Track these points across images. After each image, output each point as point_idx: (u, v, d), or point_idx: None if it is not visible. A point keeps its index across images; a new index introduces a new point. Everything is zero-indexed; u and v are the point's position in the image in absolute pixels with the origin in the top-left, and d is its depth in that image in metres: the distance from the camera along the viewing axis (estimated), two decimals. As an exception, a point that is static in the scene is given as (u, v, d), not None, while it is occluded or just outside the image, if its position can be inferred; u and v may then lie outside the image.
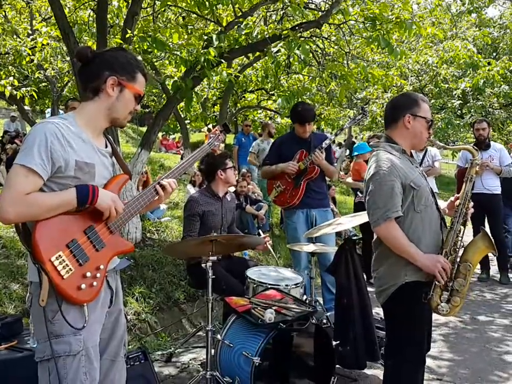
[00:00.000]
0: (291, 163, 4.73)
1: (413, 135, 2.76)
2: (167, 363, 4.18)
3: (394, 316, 2.73)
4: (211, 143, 2.70)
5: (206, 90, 10.36)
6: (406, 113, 2.72)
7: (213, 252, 3.34)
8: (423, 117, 2.73)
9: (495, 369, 4.04)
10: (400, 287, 2.63)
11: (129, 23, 5.64)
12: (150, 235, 6.62)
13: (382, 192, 2.60)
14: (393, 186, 2.58)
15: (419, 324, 2.68)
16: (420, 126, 2.74)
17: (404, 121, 2.73)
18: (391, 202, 2.58)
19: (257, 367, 3.16)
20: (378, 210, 2.60)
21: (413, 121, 2.72)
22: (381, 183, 2.60)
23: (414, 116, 2.72)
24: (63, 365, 2.00)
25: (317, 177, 4.76)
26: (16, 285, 4.55)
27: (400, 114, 2.74)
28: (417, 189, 2.63)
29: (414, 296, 2.62)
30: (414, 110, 2.73)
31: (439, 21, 13.06)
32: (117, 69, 2.14)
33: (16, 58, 7.63)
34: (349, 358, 3.70)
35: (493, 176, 6.45)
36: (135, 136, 19.29)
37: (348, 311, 3.68)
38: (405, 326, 2.68)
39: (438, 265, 2.54)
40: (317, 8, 6.70)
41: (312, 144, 4.76)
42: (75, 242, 2.00)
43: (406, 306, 2.64)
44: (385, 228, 2.59)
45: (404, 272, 2.62)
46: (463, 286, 2.60)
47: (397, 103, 2.83)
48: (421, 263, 2.57)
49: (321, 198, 4.87)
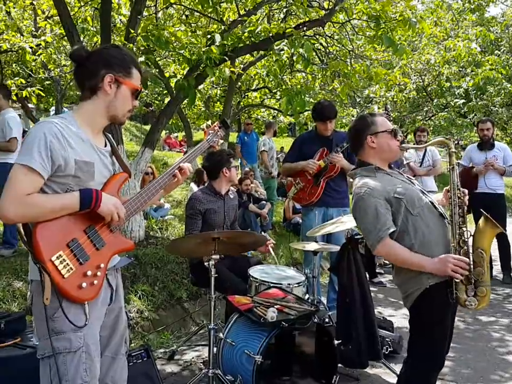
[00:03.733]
0: (311, 161, 4.71)
1: (381, 151, 2.81)
2: (169, 361, 4.19)
3: (421, 318, 2.70)
4: (210, 139, 2.70)
5: (210, 90, 10.37)
6: (366, 136, 2.79)
7: (216, 250, 3.35)
8: (382, 131, 2.79)
9: (497, 369, 4.03)
10: (425, 290, 2.61)
11: (133, 22, 5.65)
12: (153, 233, 6.64)
13: (368, 216, 2.63)
14: (376, 207, 2.61)
15: (443, 326, 2.67)
16: (384, 140, 2.79)
17: (368, 143, 2.80)
18: (379, 222, 2.60)
19: (259, 366, 3.18)
20: (371, 234, 2.62)
21: (376, 139, 2.79)
22: (364, 207, 2.64)
23: (375, 134, 2.79)
24: (64, 362, 2.02)
25: (337, 176, 4.74)
26: (20, 283, 4.57)
27: (362, 138, 2.81)
28: (402, 197, 2.64)
29: (439, 298, 2.61)
30: (371, 129, 2.80)
31: (440, 20, 13.02)
32: (113, 66, 2.14)
33: (20, 56, 7.65)
34: (351, 357, 3.70)
35: (496, 175, 6.44)
36: (139, 135, 19.30)
37: (350, 310, 3.68)
38: (430, 329, 2.66)
39: (449, 265, 2.51)
40: (320, 7, 6.68)
41: (334, 142, 4.74)
42: (75, 241, 2.01)
43: (432, 309, 2.63)
44: (383, 249, 2.61)
45: (426, 276, 2.60)
46: (483, 274, 2.57)
47: (355, 129, 2.90)
48: (431, 269, 2.56)
49: (340, 197, 4.83)
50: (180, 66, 7.27)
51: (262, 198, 8.31)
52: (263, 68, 9.54)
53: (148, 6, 6.56)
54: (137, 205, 2.27)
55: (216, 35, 5.51)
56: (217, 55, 5.23)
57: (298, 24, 6.27)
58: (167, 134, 17.97)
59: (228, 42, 5.58)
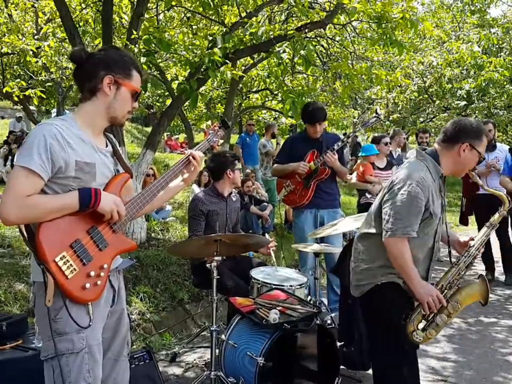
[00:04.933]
0: (302, 163, 4.70)
1: (460, 164, 2.73)
2: (171, 363, 4.18)
3: (372, 311, 2.78)
4: (210, 139, 2.70)
5: (211, 92, 10.37)
6: (465, 141, 2.67)
7: (218, 252, 3.34)
8: (479, 152, 2.69)
9: (500, 371, 4.02)
10: (376, 286, 2.69)
11: (135, 24, 5.65)
12: (155, 235, 6.64)
13: (412, 208, 2.57)
14: (422, 206, 2.58)
15: (397, 320, 2.68)
16: (471, 158, 2.71)
17: (460, 148, 2.68)
18: (415, 220, 2.58)
19: (261, 368, 3.17)
20: (400, 222, 2.57)
21: (469, 151, 2.68)
22: (412, 197, 2.56)
23: (471, 147, 2.67)
24: (66, 363, 2.01)
25: (327, 178, 4.74)
26: (21, 285, 4.57)
27: (460, 139, 2.68)
28: (433, 218, 2.64)
29: (393, 294, 2.68)
30: (475, 142, 2.68)
31: (441, 21, 13.04)
32: (112, 68, 2.14)
33: (22, 59, 7.67)
34: (353, 359, 3.70)
35: (498, 177, 6.42)
36: (140, 137, 19.33)
37: (352, 311, 3.67)
38: (382, 321, 2.72)
39: (430, 298, 2.57)
40: (321, 8, 6.68)
41: (324, 144, 4.74)
42: (78, 242, 2.01)
43: (385, 304, 2.69)
44: (398, 242, 2.58)
45: (381, 274, 2.68)
46: (444, 322, 2.64)
47: (463, 127, 2.72)
48: (415, 288, 2.59)
49: (330, 199, 4.84)
50: (182, 68, 7.26)
51: (263, 200, 8.30)
52: (265, 69, 9.54)
53: (149, 8, 6.55)
54: (139, 205, 2.26)
55: (217, 37, 5.51)
56: (219, 58, 5.23)
57: (300, 26, 6.26)
58: (168, 135, 17.99)
59: (230, 44, 5.58)
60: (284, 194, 4.91)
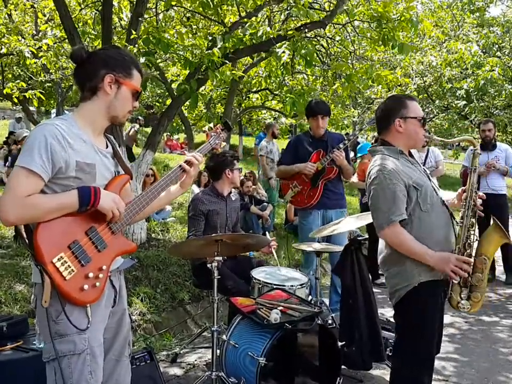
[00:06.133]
0: (309, 164, 4.68)
1: (407, 137, 2.73)
2: (172, 363, 4.17)
3: (407, 316, 2.69)
4: (212, 142, 2.69)
5: (211, 92, 10.35)
6: (395, 118, 2.70)
7: (218, 252, 3.34)
8: (413, 117, 2.70)
9: (502, 370, 4.02)
10: (415, 288, 2.59)
11: (134, 24, 5.64)
12: (155, 235, 6.63)
13: (385, 196, 2.58)
14: (395, 190, 2.56)
15: (431, 325, 2.65)
16: (413, 127, 2.71)
17: (396, 126, 2.70)
18: (394, 205, 2.56)
19: (262, 368, 3.16)
20: (382, 214, 2.58)
21: (404, 124, 2.70)
22: (383, 187, 2.58)
23: (404, 119, 2.69)
24: (68, 364, 2.01)
25: (334, 178, 4.73)
26: (22, 286, 4.56)
27: (390, 119, 2.72)
28: (420, 189, 2.60)
29: (428, 296, 2.60)
30: (402, 112, 2.70)
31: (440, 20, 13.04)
32: (113, 67, 2.13)
33: (21, 59, 7.65)
34: (354, 359, 3.68)
35: (498, 176, 6.43)
36: (140, 137, 19.30)
37: (353, 311, 3.66)
38: (417, 327, 2.64)
39: (450, 265, 2.50)
40: (321, 8, 6.68)
41: (329, 144, 4.72)
42: (77, 243, 2.00)
43: (420, 307, 2.61)
44: (391, 232, 2.58)
45: (418, 272, 2.58)
46: (482, 280, 2.57)
47: (385, 109, 2.79)
48: (433, 263, 2.54)
49: (338, 199, 4.83)
50: (183, 67, 7.26)
51: (263, 200, 8.29)
52: (263, 66, 9.52)
53: (149, 8, 6.55)
54: (139, 206, 2.25)
55: (217, 37, 5.51)
56: (219, 58, 5.22)
57: (300, 26, 6.26)
58: (168, 136, 17.97)
59: (229, 44, 5.58)
60: (291, 195, 4.87)
